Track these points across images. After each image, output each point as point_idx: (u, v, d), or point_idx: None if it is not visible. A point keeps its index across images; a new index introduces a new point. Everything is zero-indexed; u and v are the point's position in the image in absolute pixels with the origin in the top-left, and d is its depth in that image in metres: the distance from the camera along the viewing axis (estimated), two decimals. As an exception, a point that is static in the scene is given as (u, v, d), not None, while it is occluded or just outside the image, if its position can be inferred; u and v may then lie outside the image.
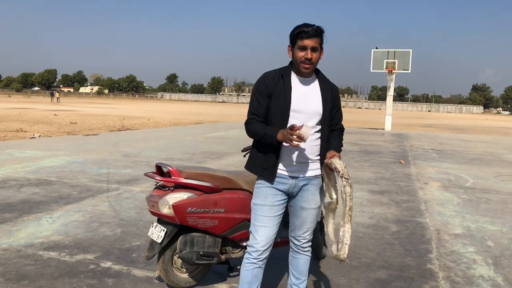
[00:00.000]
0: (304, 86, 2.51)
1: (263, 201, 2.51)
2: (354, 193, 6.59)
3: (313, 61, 2.42)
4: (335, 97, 2.61)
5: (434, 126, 32.43)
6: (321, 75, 2.60)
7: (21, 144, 11.10)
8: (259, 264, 2.51)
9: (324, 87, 2.55)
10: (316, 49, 2.41)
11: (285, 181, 2.51)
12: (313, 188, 2.57)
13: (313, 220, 2.63)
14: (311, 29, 2.37)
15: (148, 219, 4.74)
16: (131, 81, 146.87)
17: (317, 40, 2.40)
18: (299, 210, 2.59)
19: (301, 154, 2.49)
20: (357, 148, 13.14)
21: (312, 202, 2.58)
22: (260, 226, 2.50)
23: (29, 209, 5.02)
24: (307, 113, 2.47)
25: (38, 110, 30.64)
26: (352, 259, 3.87)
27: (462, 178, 8.39)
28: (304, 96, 2.48)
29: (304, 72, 2.46)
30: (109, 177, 7.09)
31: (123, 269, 3.45)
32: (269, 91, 2.46)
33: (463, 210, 5.82)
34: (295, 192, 2.55)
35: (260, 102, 2.48)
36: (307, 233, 2.64)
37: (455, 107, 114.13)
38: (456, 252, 4.17)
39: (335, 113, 2.63)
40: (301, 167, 2.51)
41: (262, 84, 2.49)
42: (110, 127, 17.73)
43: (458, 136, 20.82)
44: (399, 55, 23.96)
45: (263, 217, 2.50)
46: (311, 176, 2.55)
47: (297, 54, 2.42)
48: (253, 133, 2.48)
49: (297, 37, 2.40)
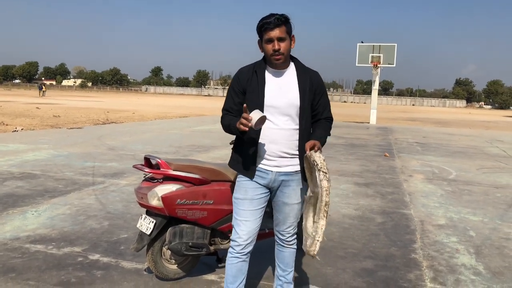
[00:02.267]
0: (279, 78, 2.45)
1: (243, 195, 2.50)
2: (340, 185, 6.68)
3: (282, 52, 2.33)
4: (316, 84, 2.50)
5: (418, 120, 32.86)
6: (298, 63, 2.51)
7: (3, 137, 10.91)
8: (243, 258, 2.51)
9: (302, 75, 2.46)
10: (284, 39, 2.33)
11: (264, 175, 2.48)
12: (294, 183, 2.52)
13: (296, 215, 2.59)
14: (273, 19, 2.30)
15: (135, 212, 4.73)
16: (114, 74, 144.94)
17: (283, 29, 2.32)
18: (282, 206, 2.56)
19: (279, 149, 2.44)
20: (342, 141, 13.26)
21: (293, 197, 2.54)
22: (241, 220, 2.48)
23: (13, 203, 4.96)
24: (283, 106, 2.41)
25: (19, 103, 30.08)
26: (338, 249, 3.93)
27: (446, 171, 8.54)
28: (279, 89, 2.42)
29: (277, 63, 2.40)
30: (94, 170, 7.04)
31: (111, 261, 3.45)
32: (243, 87, 2.44)
33: (446, 202, 5.95)
34: (275, 186, 2.52)
35: (233, 98, 2.47)
36: (291, 228, 2.62)
37: (438, 101, 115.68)
38: (440, 242, 4.27)
39: (318, 101, 2.52)
40: (280, 162, 2.47)
41: (236, 80, 2.48)
42: (94, 121, 17.53)
43: (442, 130, 21.15)
44: (384, 49, 24.15)
45: (244, 211, 2.48)
46: (291, 172, 2.50)
47: (265, 48, 2.36)
48: (224, 127, 2.47)
49: (262, 30, 2.34)
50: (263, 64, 2.46)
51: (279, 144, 2.43)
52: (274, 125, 2.42)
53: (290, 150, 2.46)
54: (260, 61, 2.49)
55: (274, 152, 2.44)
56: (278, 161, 2.46)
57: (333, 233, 4.38)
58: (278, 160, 2.46)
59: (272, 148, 2.44)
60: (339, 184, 6.79)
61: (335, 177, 7.29)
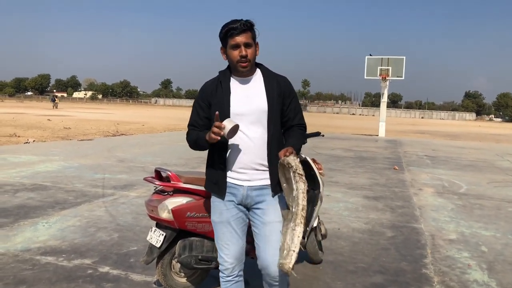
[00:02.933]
0: (245, 86, 2.32)
1: (219, 217, 2.36)
2: (350, 198, 6.64)
3: (249, 58, 2.23)
4: (285, 90, 2.36)
5: (428, 132, 32.66)
6: (265, 70, 2.38)
7: (15, 149, 11.05)
8: (236, 280, 2.39)
9: (269, 81, 2.33)
10: (250, 45, 2.23)
11: (235, 191, 2.31)
12: (269, 198, 2.31)
13: (279, 239, 2.19)
14: (239, 24, 2.19)
15: (144, 224, 4.75)
16: (125, 86, 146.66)
17: (249, 34, 2.22)
18: (260, 226, 2.31)
19: (248, 159, 2.28)
20: (351, 154, 13.22)
21: (272, 214, 2.29)
22: (223, 244, 2.35)
23: (25, 214, 5.01)
24: (251, 114, 2.27)
25: (31, 115, 30.48)
26: (348, 264, 3.90)
27: (456, 184, 8.47)
28: (246, 96, 2.29)
29: (243, 71, 2.27)
30: (104, 182, 7.08)
31: (121, 273, 3.46)
32: (208, 100, 2.33)
33: (457, 216, 5.88)
34: (249, 203, 2.32)
35: (199, 112, 2.36)
36: (276, 257, 2.20)
37: (448, 114, 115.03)
38: (451, 257, 4.22)
39: (287, 106, 2.37)
40: (251, 175, 2.30)
41: (200, 93, 2.38)
42: (104, 132, 17.69)
43: (451, 143, 20.99)
44: (393, 62, 24.17)
45: (223, 234, 2.35)
46: (265, 185, 2.31)
47: (231, 54, 2.23)
48: (190, 143, 2.36)
49: (227, 35, 2.21)
50: (228, 73, 2.35)
51: (249, 154, 2.27)
52: (243, 134, 2.26)
53: (263, 161, 2.29)
54: (224, 70, 2.37)
55: (245, 164, 2.28)
56: (249, 174, 2.29)
57: (343, 247, 4.35)
58: (249, 173, 2.29)
59: (242, 160, 2.28)
60: (348, 197, 6.76)
61: (344, 191, 7.27)
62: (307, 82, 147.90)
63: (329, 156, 12.48)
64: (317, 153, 12.60)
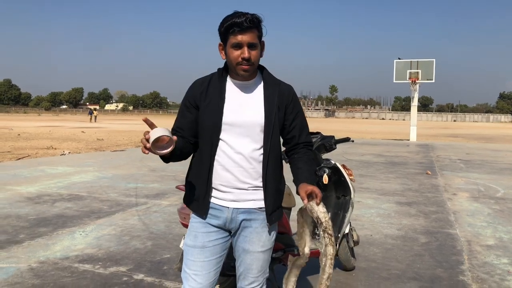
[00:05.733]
0: (242, 92, 1.97)
1: (193, 241, 1.97)
2: (382, 204, 6.55)
3: (253, 61, 1.88)
4: (288, 101, 2.00)
5: (461, 136, 31.78)
6: (267, 75, 2.02)
7: (52, 160, 11.46)
8: None
9: (270, 89, 1.98)
10: (255, 46, 1.87)
11: (218, 213, 1.95)
12: (257, 224, 1.97)
13: (262, 268, 2.01)
14: (244, 20, 1.81)
15: (177, 232, 4.83)
16: (155, 97, 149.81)
17: (255, 33, 1.86)
18: (242, 254, 2.01)
19: (233, 177, 1.93)
20: (382, 160, 13.01)
21: (256, 243, 1.98)
22: (190, 275, 1.94)
23: (63, 223, 5.18)
24: (244, 125, 1.92)
25: (66, 127, 31.52)
26: (381, 270, 3.85)
27: (492, 189, 8.20)
28: (239, 105, 1.94)
29: (243, 74, 1.91)
30: (137, 191, 7.25)
31: (155, 281, 3.53)
32: (195, 101, 1.97)
33: (495, 221, 5.70)
34: (233, 228, 1.98)
35: (185, 114, 1.99)
36: (255, 285, 2.03)
37: (481, 116, 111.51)
38: (489, 263, 4.09)
39: (291, 122, 2.01)
40: (237, 195, 1.94)
41: (188, 93, 2.01)
42: (136, 143, 18.10)
43: (486, 146, 20.34)
44: (422, 65, 23.75)
45: (193, 262, 1.95)
46: (253, 208, 1.96)
47: (231, 54, 1.88)
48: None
49: (228, 32, 1.85)
50: (224, 73, 1.99)
51: (235, 172, 1.93)
52: (230, 148, 1.93)
53: (251, 180, 1.94)
54: (220, 69, 2.01)
55: (230, 182, 1.93)
56: (235, 194, 1.94)
57: (376, 254, 4.29)
58: (235, 192, 1.94)
59: (227, 177, 1.93)
60: (380, 203, 6.66)
61: (376, 197, 7.16)
62: (335, 87, 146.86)
63: (359, 162, 12.33)
64: (347, 159, 12.47)
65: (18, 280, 3.46)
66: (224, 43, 1.91)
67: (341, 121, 72.22)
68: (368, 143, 20.56)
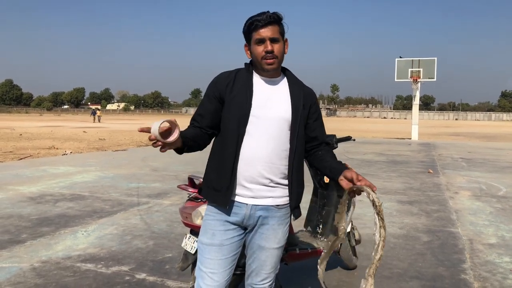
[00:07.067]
0: (268, 87, 2.01)
1: (210, 239, 1.99)
2: (384, 203, 6.54)
3: (276, 54, 1.93)
4: (311, 103, 2.07)
5: (462, 134, 31.73)
6: (291, 76, 2.09)
7: (54, 160, 11.48)
8: None
9: (295, 89, 2.04)
10: (277, 40, 1.93)
11: (237, 209, 1.97)
12: (274, 221, 2.01)
13: (275, 264, 2.06)
14: (265, 16, 1.92)
15: (179, 231, 4.83)
16: (156, 97, 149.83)
17: (276, 28, 1.93)
18: (257, 250, 2.03)
19: (258, 173, 1.94)
20: (384, 158, 13.01)
21: (272, 240, 2.02)
22: (206, 272, 1.96)
23: (65, 223, 5.19)
24: (270, 119, 1.96)
25: (68, 127, 31.58)
26: (383, 269, 3.85)
27: (494, 187, 8.19)
28: (267, 99, 1.98)
29: (269, 69, 1.96)
30: (139, 191, 7.26)
31: (157, 280, 3.53)
32: (220, 93, 1.99)
33: (497, 220, 5.69)
34: (251, 225, 2.00)
35: (206, 106, 2.01)
36: (267, 281, 2.06)
37: (483, 115, 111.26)
38: (491, 262, 4.09)
39: (313, 122, 2.07)
40: (257, 191, 1.96)
41: (213, 85, 2.03)
42: (137, 143, 18.11)
43: (488, 144, 20.31)
44: (424, 64, 23.71)
45: (211, 260, 1.96)
46: (272, 206, 1.99)
47: (255, 50, 1.94)
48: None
49: (251, 29, 1.94)
50: (251, 68, 2.04)
51: (258, 166, 1.94)
52: (254, 142, 1.94)
53: (273, 177, 1.96)
54: (247, 64, 2.06)
55: (252, 176, 1.95)
56: (254, 191, 1.96)
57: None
58: (254, 188, 1.96)
59: (249, 172, 1.94)
60: (382, 202, 6.65)
61: (378, 196, 7.13)
62: (336, 86, 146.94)
63: (361, 161, 12.32)
64: (349, 158, 12.47)
65: (21, 280, 3.48)
66: (248, 42, 1.99)
67: (342, 120, 72.17)
68: (369, 142, 20.55)
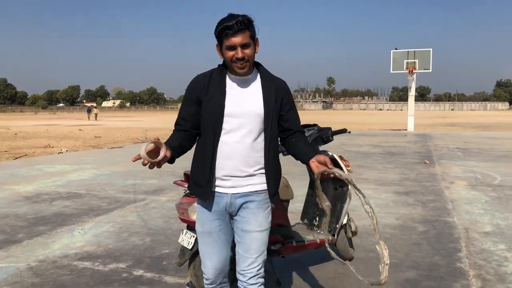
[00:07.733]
0: (240, 86, 2.13)
1: (201, 228, 2.23)
2: (380, 194, 6.57)
3: (247, 58, 2.03)
4: (283, 94, 2.18)
5: (458, 124, 31.83)
6: (263, 71, 2.19)
7: (50, 159, 11.44)
8: (219, 287, 2.29)
9: (266, 84, 2.15)
10: (248, 45, 2.01)
11: (219, 199, 2.15)
12: (254, 205, 2.14)
13: (259, 248, 2.15)
14: (234, 23, 1.96)
15: (176, 227, 4.84)
16: (151, 93, 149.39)
17: (246, 34, 2.00)
18: (241, 235, 2.16)
19: (235, 166, 2.10)
20: (380, 150, 13.04)
21: (253, 223, 2.14)
22: (204, 256, 2.25)
23: (62, 222, 5.19)
24: (244, 116, 2.09)
25: (63, 126, 31.45)
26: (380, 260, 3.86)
27: (490, 176, 8.23)
28: (239, 97, 2.11)
29: (240, 72, 2.08)
30: (135, 188, 7.25)
31: (154, 276, 3.54)
32: (197, 96, 2.12)
33: (492, 208, 5.73)
34: (233, 211, 2.17)
35: (187, 109, 2.16)
36: (254, 266, 2.14)
37: (479, 105, 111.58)
38: (487, 250, 4.12)
39: (286, 112, 2.20)
40: (235, 181, 2.12)
41: (190, 88, 2.17)
42: (133, 140, 18.06)
43: (484, 134, 20.39)
44: (419, 55, 23.70)
45: (205, 246, 2.23)
46: (250, 192, 2.14)
47: (227, 54, 2.04)
48: None
49: (222, 35, 2.01)
50: (224, 69, 2.15)
51: (234, 160, 2.10)
52: (230, 138, 2.09)
53: (248, 168, 2.12)
54: (220, 66, 2.17)
55: (230, 170, 2.11)
56: (233, 181, 2.12)
57: (374, 244, 4.30)
58: (233, 179, 2.12)
59: (227, 166, 2.11)
60: (378, 194, 6.68)
61: (374, 187, 7.18)
62: (332, 79, 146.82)
63: (357, 153, 12.35)
64: (345, 151, 12.49)
65: (18, 280, 3.47)
66: (220, 44, 2.07)
67: (338, 113, 72.23)
68: (365, 134, 20.58)
